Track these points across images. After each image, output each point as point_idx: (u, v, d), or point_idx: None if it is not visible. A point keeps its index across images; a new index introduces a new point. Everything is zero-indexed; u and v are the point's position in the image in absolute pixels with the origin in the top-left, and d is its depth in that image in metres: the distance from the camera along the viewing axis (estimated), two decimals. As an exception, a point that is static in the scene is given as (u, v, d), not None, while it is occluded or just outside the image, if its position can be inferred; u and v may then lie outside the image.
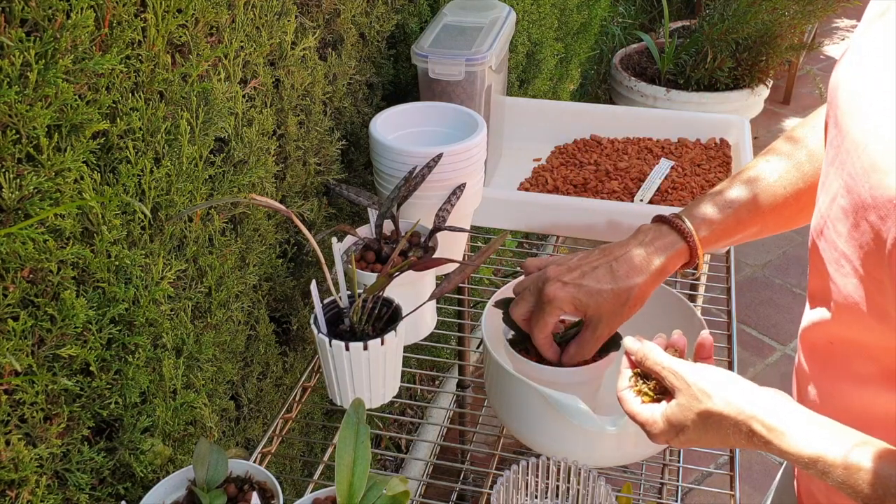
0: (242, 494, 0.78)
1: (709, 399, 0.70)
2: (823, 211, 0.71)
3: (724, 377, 0.72)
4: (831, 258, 0.69)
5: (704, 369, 0.73)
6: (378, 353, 0.88)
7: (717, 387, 0.70)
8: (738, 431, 0.68)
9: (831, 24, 4.66)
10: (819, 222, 0.72)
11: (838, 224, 0.67)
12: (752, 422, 0.67)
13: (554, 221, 1.28)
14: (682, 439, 0.73)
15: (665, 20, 3.04)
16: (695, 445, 0.74)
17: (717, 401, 0.69)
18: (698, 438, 0.72)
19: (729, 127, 1.52)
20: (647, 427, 0.75)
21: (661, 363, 0.75)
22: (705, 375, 0.72)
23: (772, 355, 2.45)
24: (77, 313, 0.73)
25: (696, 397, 0.71)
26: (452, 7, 1.38)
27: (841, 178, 0.67)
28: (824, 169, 0.72)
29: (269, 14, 0.99)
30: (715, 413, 0.69)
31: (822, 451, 0.63)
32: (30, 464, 0.71)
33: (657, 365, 0.75)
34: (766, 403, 0.68)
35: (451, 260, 0.90)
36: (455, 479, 1.60)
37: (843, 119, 0.68)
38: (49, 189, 0.69)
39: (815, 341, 0.77)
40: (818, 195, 0.74)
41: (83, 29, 0.68)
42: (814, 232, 0.74)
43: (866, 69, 0.68)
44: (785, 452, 0.66)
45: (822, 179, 0.73)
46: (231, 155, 0.96)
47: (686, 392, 0.72)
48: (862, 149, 0.64)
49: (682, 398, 0.72)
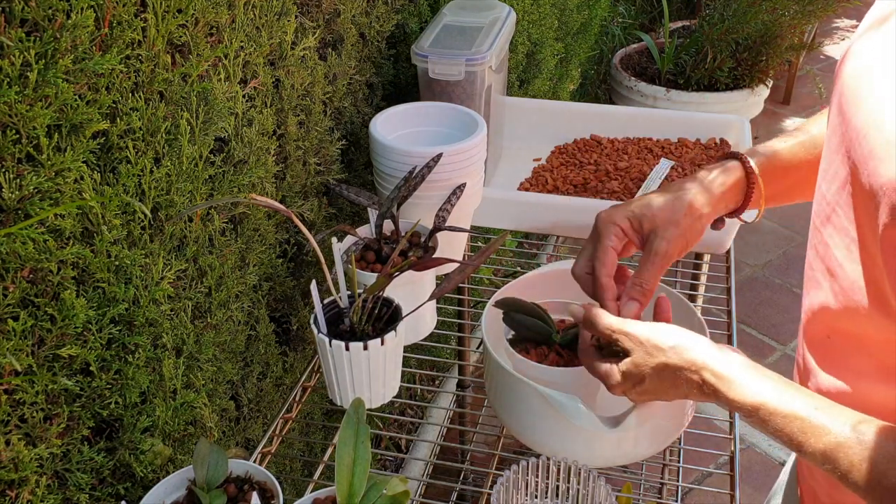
0: (242, 494, 0.78)
1: (662, 353, 0.74)
2: (830, 198, 0.71)
3: (678, 332, 0.75)
4: (842, 244, 0.70)
5: (657, 326, 0.77)
6: (378, 353, 0.88)
7: (670, 341, 0.74)
8: (690, 382, 0.73)
9: (831, 24, 4.66)
10: (825, 209, 0.72)
11: (849, 210, 0.68)
12: (702, 371, 0.71)
13: (554, 221, 1.28)
14: (639, 390, 0.77)
15: (665, 20, 3.04)
16: (652, 397, 0.78)
17: (670, 354, 0.74)
18: (654, 389, 0.76)
19: (729, 127, 1.52)
20: (605, 379, 0.79)
21: (611, 326, 0.78)
22: (658, 331, 0.76)
23: (772, 355, 2.45)
24: (77, 313, 0.73)
25: (649, 353, 0.75)
26: (452, 7, 1.38)
27: (847, 165, 0.67)
28: (828, 156, 0.73)
29: (269, 14, 0.99)
30: (670, 365, 0.73)
31: (764, 399, 0.68)
32: (30, 464, 0.71)
33: (608, 329, 0.78)
34: (716, 354, 0.72)
35: (451, 260, 0.90)
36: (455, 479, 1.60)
37: (847, 107, 0.69)
38: (49, 189, 0.69)
39: (815, 334, 0.78)
40: (819, 182, 0.75)
41: (83, 29, 0.68)
42: (817, 218, 0.74)
43: (871, 60, 0.68)
44: (732, 401, 0.70)
45: (825, 166, 0.73)
46: (231, 155, 0.96)
47: (640, 349, 0.76)
48: (862, 137, 0.64)
49: (636, 355, 0.76)
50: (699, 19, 2.95)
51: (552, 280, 1.05)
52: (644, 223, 0.84)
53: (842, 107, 0.70)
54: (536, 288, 1.04)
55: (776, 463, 2.13)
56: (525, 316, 0.96)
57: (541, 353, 0.97)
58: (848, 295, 0.69)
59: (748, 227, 0.97)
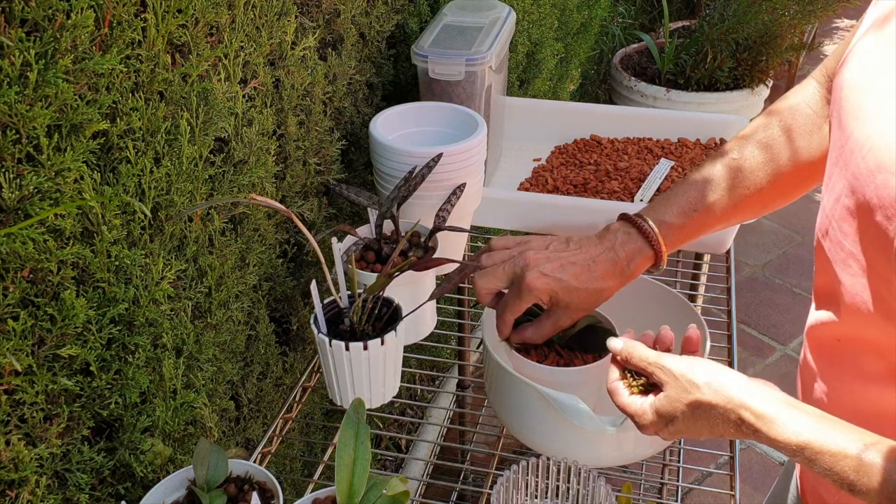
0: (242, 494, 0.78)
1: (697, 389, 0.71)
2: (828, 211, 0.71)
3: (713, 368, 0.73)
4: (838, 258, 0.69)
5: (692, 361, 0.74)
6: (378, 353, 0.88)
7: (705, 377, 0.72)
8: (727, 420, 0.69)
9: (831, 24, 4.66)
10: (823, 222, 0.72)
11: (843, 224, 0.68)
12: (741, 410, 0.68)
13: (554, 221, 1.28)
14: (672, 429, 0.74)
15: (665, 20, 3.04)
16: (684, 436, 0.75)
17: (705, 391, 0.71)
18: (687, 428, 0.74)
19: (729, 127, 1.52)
20: (636, 418, 0.77)
21: (647, 359, 0.77)
22: (693, 367, 0.73)
23: (772, 355, 2.45)
24: (77, 313, 0.73)
25: (684, 388, 0.72)
26: (452, 7, 1.38)
27: (845, 178, 0.67)
28: (829, 168, 0.72)
29: (269, 14, 0.99)
30: (704, 403, 0.71)
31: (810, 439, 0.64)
32: (30, 464, 0.71)
33: (643, 361, 0.77)
34: (754, 392, 0.69)
35: (451, 260, 0.90)
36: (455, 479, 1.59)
37: (847, 120, 0.68)
38: (49, 189, 0.69)
39: (822, 339, 0.77)
40: (823, 194, 0.74)
41: (83, 29, 0.68)
42: (819, 232, 0.74)
43: (870, 71, 0.68)
44: (773, 440, 0.67)
45: (826, 179, 0.73)
46: (231, 155, 0.96)
47: (674, 384, 0.73)
48: (867, 150, 0.64)
49: (670, 390, 0.73)
50: (699, 19, 2.95)
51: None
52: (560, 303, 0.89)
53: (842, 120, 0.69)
54: (536, 288, 1.04)
55: (776, 463, 2.13)
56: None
57: (541, 353, 0.97)
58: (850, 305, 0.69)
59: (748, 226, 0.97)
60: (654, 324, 1.03)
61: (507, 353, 0.95)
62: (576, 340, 0.97)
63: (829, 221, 0.71)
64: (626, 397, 0.78)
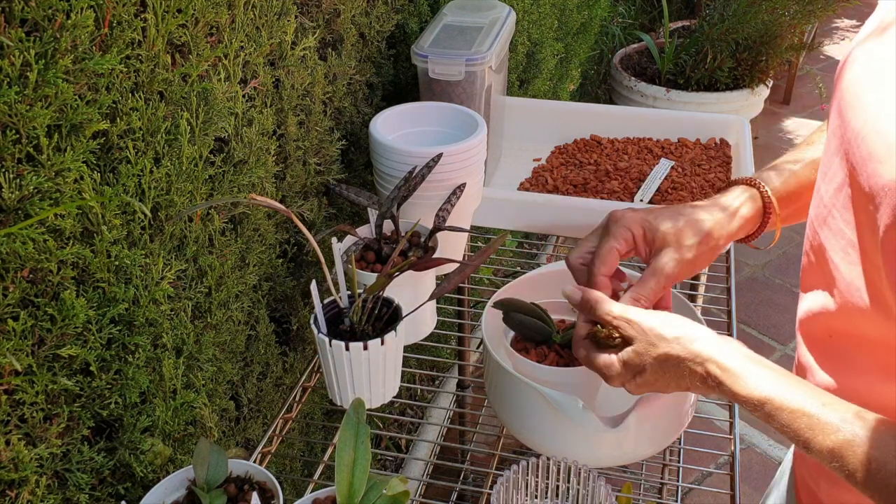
0: (242, 494, 0.78)
1: (666, 343, 0.72)
2: (827, 200, 0.71)
3: (682, 323, 0.74)
4: (837, 246, 0.69)
5: (660, 315, 0.75)
6: (378, 353, 0.88)
7: (674, 332, 0.72)
8: (694, 374, 0.71)
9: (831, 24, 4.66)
10: (822, 211, 0.72)
11: (845, 213, 0.68)
12: (707, 364, 0.70)
13: (554, 221, 1.28)
14: (639, 381, 0.75)
15: (665, 20, 3.04)
16: (651, 389, 0.76)
17: (674, 345, 0.72)
18: (655, 381, 0.74)
19: (729, 127, 1.52)
20: (603, 371, 0.77)
21: (612, 312, 0.76)
22: (662, 321, 0.74)
23: (772, 355, 2.45)
24: (77, 313, 0.73)
25: (652, 342, 0.73)
26: (452, 7, 1.38)
27: (845, 167, 0.67)
28: (826, 158, 0.73)
29: (269, 14, 0.99)
30: (672, 356, 0.72)
31: (770, 394, 0.67)
32: (30, 464, 0.71)
33: (608, 315, 0.76)
34: (722, 347, 0.70)
35: (451, 260, 0.90)
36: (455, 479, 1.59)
37: (845, 109, 0.69)
38: (49, 189, 0.69)
39: (815, 334, 0.77)
40: (818, 184, 0.75)
41: (83, 29, 0.68)
42: (815, 220, 0.74)
43: (871, 66, 0.69)
44: (736, 394, 0.68)
45: (824, 169, 0.73)
46: (231, 155, 0.96)
47: (642, 338, 0.74)
48: (861, 139, 0.65)
49: (638, 345, 0.74)
50: (699, 19, 2.95)
51: (552, 280, 1.05)
52: (657, 238, 0.81)
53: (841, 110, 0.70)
54: (536, 288, 1.04)
55: (776, 463, 2.13)
56: (525, 316, 0.96)
57: (541, 353, 0.97)
58: (846, 297, 0.69)
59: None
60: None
61: (507, 353, 0.95)
62: (576, 340, 0.97)
63: (828, 210, 0.71)
64: (592, 352, 0.78)
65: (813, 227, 0.75)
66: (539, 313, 0.96)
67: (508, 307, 0.97)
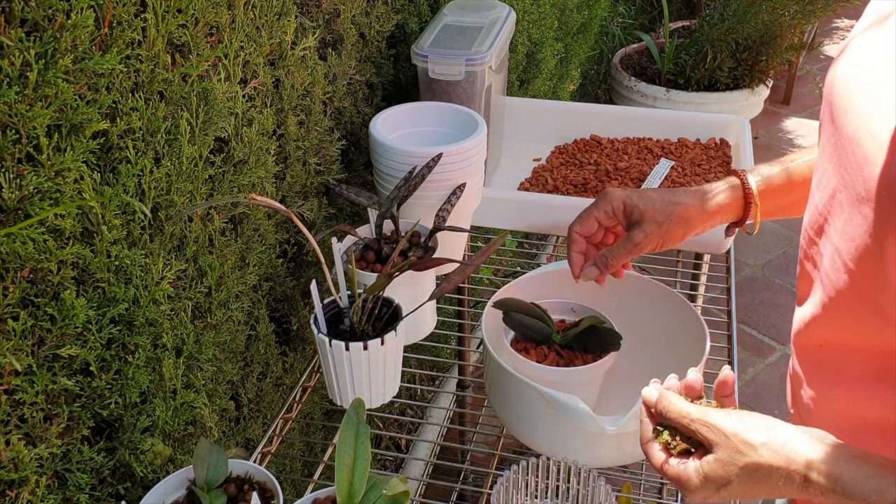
0: (242, 494, 0.78)
1: (754, 451, 0.65)
2: (821, 207, 0.71)
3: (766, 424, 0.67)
4: (827, 253, 0.70)
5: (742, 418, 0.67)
6: (378, 353, 0.88)
7: (760, 437, 0.65)
8: (791, 482, 0.63)
9: (831, 24, 4.66)
10: (817, 219, 0.72)
11: (836, 219, 0.68)
12: (808, 471, 0.63)
13: (554, 221, 1.28)
14: (724, 493, 0.67)
15: (665, 20, 3.04)
16: (739, 498, 0.68)
17: (763, 452, 0.64)
18: (744, 492, 0.67)
19: (729, 127, 1.52)
20: (681, 484, 0.69)
21: (689, 415, 0.69)
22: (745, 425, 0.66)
23: (772, 355, 2.45)
24: (77, 313, 0.73)
25: (738, 450, 0.65)
26: (452, 7, 1.38)
27: (839, 173, 0.67)
28: (821, 165, 0.73)
29: (269, 14, 0.99)
30: (763, 465, 0.64)
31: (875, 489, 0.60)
32: (30, 464, 0.71)
33: (684, 417, 0.69)
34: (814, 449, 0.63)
35: (451, 260, 0.90)
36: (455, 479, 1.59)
37: (838, 115, 0.68)
38: (49, 189, 0.69)
39: (807, 345, 0.77)
40: (813, 192, 0.74)
41: (83, 29, 0.68)
42: (811, 229, 0.74)
43: (861, 67, 0.68)
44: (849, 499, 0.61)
45: (819, 176, 0.73)
46: (231, 155, 0.96)
47: (725, 445, 0.66)
48: (855, 143, 0.64)
49: (721, 452, 0.66)
50: (699, 19, 2.95)
51: (552, 280, 1.06)
52: (634, 212, 0.90)
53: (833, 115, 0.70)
54: (536, 288, 1.04)
55: (776, 463, 2.12)
56: (525, 316, 0.97)
57: (541, 353, 0.97)
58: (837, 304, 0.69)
59: (748, 227, 0.98)
60: (654, 324, 1.04)
61: (507, 353, 0.95)
62: (576, 340, 0.97)
63: (823, 218, 0.71)
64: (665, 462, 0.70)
65: (808, 234, 0.75)
66: (539, 313, 0.96)
67: (508, 307, 0.97)
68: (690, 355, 0.94)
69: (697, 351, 0.94)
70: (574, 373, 0.92)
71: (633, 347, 0.99)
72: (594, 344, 0.95)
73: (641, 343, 1.01)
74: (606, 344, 0.93)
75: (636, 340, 1.00)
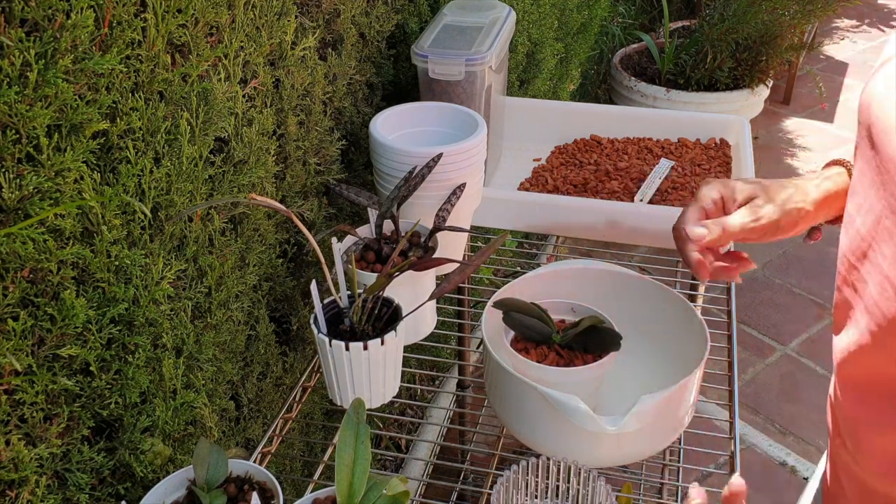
0: (242, 494, 0.78)
1: None
2: (864, 232, 0.69)
3: None
4: (874, 280, 0.68)
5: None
6: (378, 353, 0.88)
7: None
8: None
9: (831, 24, 4.66)
10: (860, 244, 0.70)
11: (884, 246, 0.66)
12: None
13: (554, 221, 1.28)
14: None
15: (665, 20, 3.04)
16: None
17: None
18: None
19: (729, 127, 1.52)
20: None
21: None
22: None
23: (772, 355, 2.45)
24: (77, 313, 0.73)
25: None
26: (452, 7, 1.38)
27: (883, 198, 0.66)
28: (861, 189, 0.71)
29: (269, 14, 0.99)
30: None
31: None
32: (30, 464, 0.71)
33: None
34: None
35: (451, 260, 0.90)
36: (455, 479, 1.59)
37: (880, 137, 0.67)
38: (49, 189, 0.69)
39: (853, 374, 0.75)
40: (853, 216, 0.72)
41: (83, 29, 0.68)
42: (852, 255, 0.72)
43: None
44: None
45: (859, 201, 0.71)
46: (231, 155, 0.96)
47: None
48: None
49: None
50: (699, 19, 2.96)
51: (552, 280, 1.06)
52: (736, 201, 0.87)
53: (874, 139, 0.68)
54: (536, 288, 1.04)
55: (776, 463, 2.13)
56: (525, 316, 0.96)
57: (541, 353, 0.97)
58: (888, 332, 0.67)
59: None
60: (654, 324, 1.04)
61: (507, 353, 0.95)
62: (576, 340, 0.97)
63: (867, 244, 0.69)
64: None
65: (848, 260, 0.72)
66: (539, 313, 0.96)
67: (508, 307, 0.97)
68: (690, 355, 0.94)
69: (697, 351, 0.94)
70: (574, 373, 0.92)
71: (633, 347, 0.99)
72: (594, 344, 0.95)
73: (641, 343, 1.01)
74: (606, 344, 0.93)
75: (636, 340, 1.00)
